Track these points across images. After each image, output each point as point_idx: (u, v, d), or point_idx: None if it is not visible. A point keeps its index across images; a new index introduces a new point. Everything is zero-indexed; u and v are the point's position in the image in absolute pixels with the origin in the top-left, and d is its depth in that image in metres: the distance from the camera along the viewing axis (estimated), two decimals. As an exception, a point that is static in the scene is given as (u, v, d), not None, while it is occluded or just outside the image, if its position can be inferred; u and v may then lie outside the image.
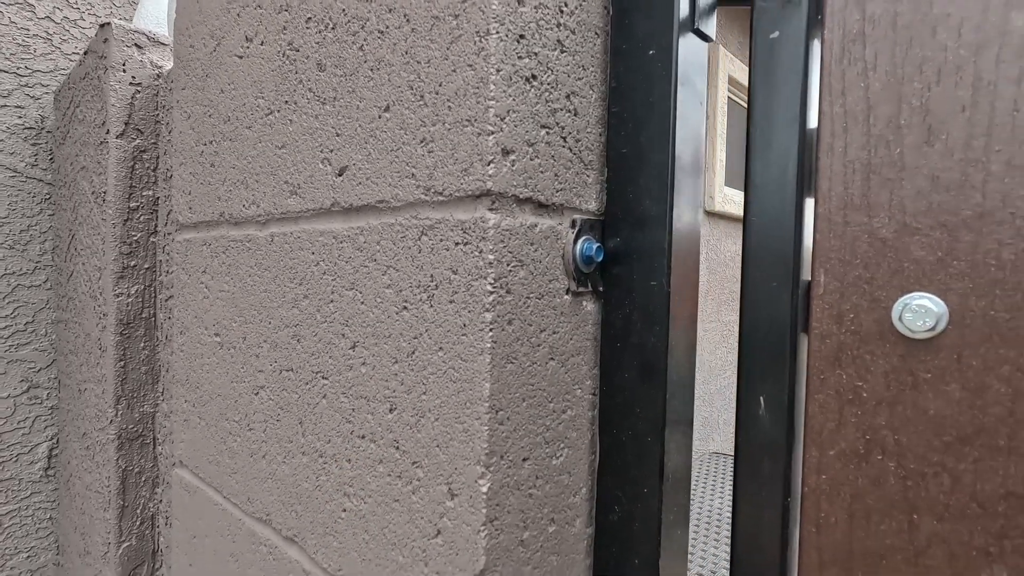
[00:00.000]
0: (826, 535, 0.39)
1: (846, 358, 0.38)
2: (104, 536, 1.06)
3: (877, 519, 0.37)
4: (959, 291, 0.34)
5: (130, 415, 1.03)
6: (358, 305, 0.47)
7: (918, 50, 0.35)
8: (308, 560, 0.53)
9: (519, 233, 0.39)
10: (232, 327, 0.64)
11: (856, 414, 0.38)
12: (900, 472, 0.36)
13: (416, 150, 0.42)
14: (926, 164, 0.35)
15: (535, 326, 0.41)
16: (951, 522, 0.35)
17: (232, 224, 0.64)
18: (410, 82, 0.42)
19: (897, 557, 0.37)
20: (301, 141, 0.53)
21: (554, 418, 0.43)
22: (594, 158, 0.45)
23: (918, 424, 0.36)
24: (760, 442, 0.41)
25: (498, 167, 0.37)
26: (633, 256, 0.44)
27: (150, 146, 1.02)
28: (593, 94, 0.45)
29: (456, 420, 0.39)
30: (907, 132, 0.36)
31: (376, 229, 0.45)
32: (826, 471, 0.39)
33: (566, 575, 0.45)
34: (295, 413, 0.55)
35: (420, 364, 0.42)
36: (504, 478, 0.39)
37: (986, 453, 0.34)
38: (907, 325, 0.35)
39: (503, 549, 0.39)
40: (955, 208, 0.34)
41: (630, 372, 0.44)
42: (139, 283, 1.02)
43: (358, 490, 0.48)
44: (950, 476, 0.35)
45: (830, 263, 0.39)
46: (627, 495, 0.45)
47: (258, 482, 0.60)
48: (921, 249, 0.35)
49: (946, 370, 0.35)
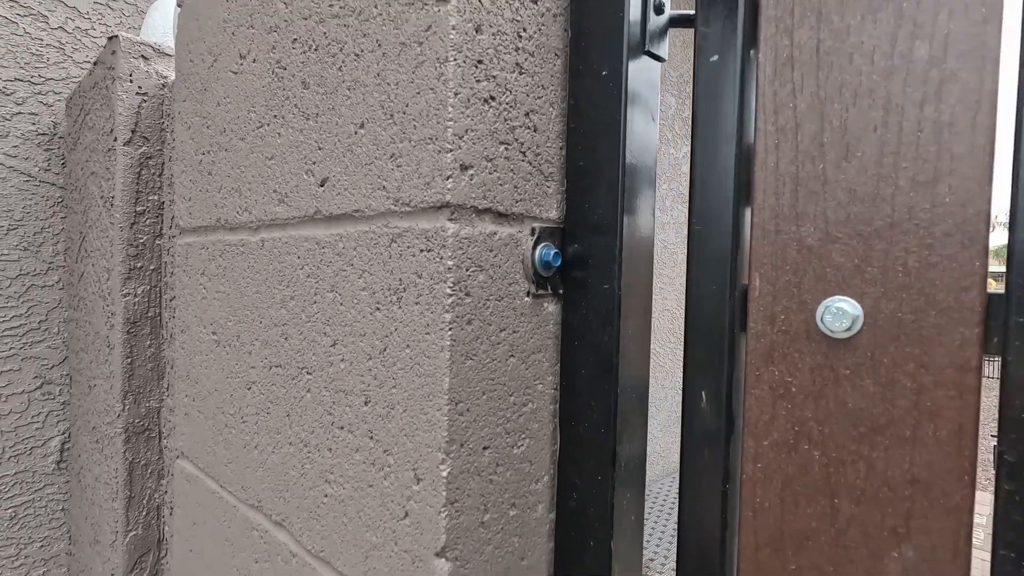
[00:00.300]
0: (761, 519, 0.42)
1: (778, 355, 0.41)
2: (113, 525, 1.11)
3: (804, 503, 0.41)
4: (872, 295, 0.37)
5: (137, 410, 1.07)
6: (337, 306, 0.51)
7: (838, 74, 0.38)
8: (294, 542, 0.58)
9: (478, 241, 0.43)
10: (228, 326, 0.69)
11: (787, 407, 0.41)
12: (823, 460, 0.40)
13: (387, 164, 0.45)
14: (845, 178, 0.38)
15: (495, 325, 0.45)
16: (866, 505, 0.38)
17: (227, 229, 0.68)
18: (382, 102, 0.46)
19: (821, 538, 0.40)
20: (288, 153, 0.57)
21: (515, 410, 0.47)
22: (554, 170, 0.49)
23: (839, 416, 0.39)
24: (702, 433, 0.44)
25: (456, 181, 0.41)
26: (589, 261, 0.47)
27: (156, 153, 1.07)
28: (553, 111, 0.48)
29: (421, 411, 0.43)
30: (829, 149, 0.39)
31: (353, 236, 0.49)
32: (761, 460, 0.42)
33: (528, 556, 0.49)
34: (283, 406, 0.59)
35: (391, 360, 0.46)
36: (464, 464, 0.43)
37: (895, 442, 0.37)
38: (828, 326, 0.39)
39: (463, 529, 0.43)
40: (869, 219, 0.37)
41: (586, 369, 0.48)
42: (145, 284, 1.07)
43: (338, 477, 0.52)
44: (865, 463, 0.38)
45: (764, 268, 0.42)
46: (583, 483, 0.48)
47: (251, 471, 0.64)
48: (841, 256, 0.39)
49: (861, 367, 0.38)
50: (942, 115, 0.35)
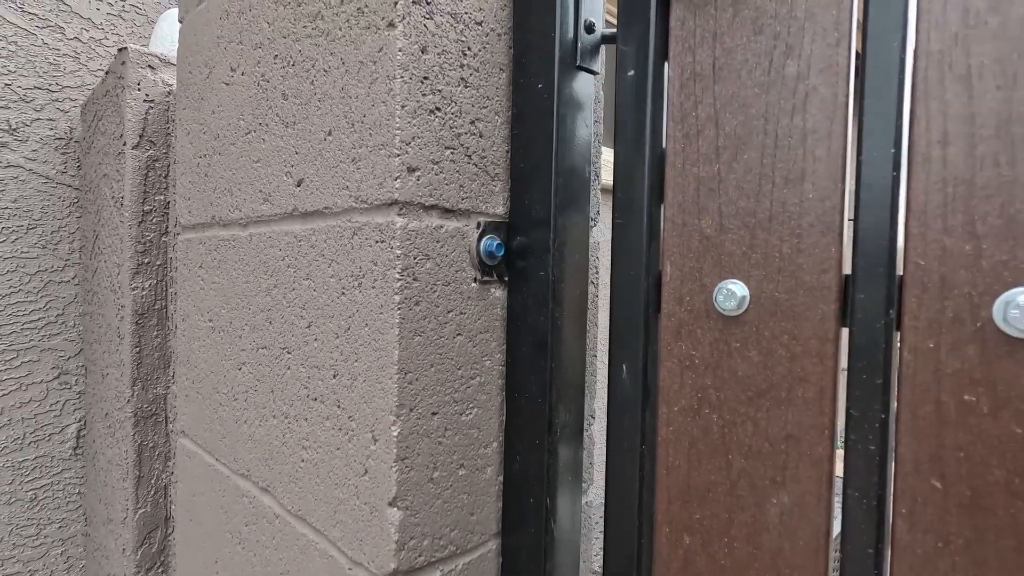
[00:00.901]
0: (673, 476, 0.49)
1: (685, 332, 0.48)
2: (124, 504, 1.19)
3: (706, 460, 0.47)
4: (756, 278, 0.43)
5: (145, 396, 1.15)
6: (312, 291, 0.58)
7: (730, 87, 0.44)
8: (278, 505, 0.65)
9: (425, 233, 0.49)
10: (222, 313, 0.76)
11: (692, 377, 0.47)
12: (720, 422, 0.46)
13: (349, 167, 0.52)
14: (735, 177, 0.44)
15: (442, 307, 0.51)
16: (752, 459, 0.44)
17: (221, 226, 0.76)
18: (345, 112, 0.52)
19: (719, 490, 0.46)
20: (271, 157, 0.64)
21: (463, 383, 0.53)
22: (500, 171, 0.55)
23: (732, 383, 0.45)
24: (623, 402, 0.50)
25: (404, 182, 0.47)
26: (528, 251, 0.54)
27: (161, 156, 1.15)
28: (499, 119, 0.55)
29: (376, 381, 0.50)
30: (723, 151, 0.45)
31: (323, 230, 0.56)
32: (672, 424, 0.48)
33: (477, 512, 0.55)
34: (268, 383, 0.66)
35: (353, 337, 0.52)
36: (413, 426, 0.49)
37: (774, 404, 0.43)
38: (722, 305, 0.45)
39: (413, 483, 0.50)
40: (753, 212, 0.43)
41: (527, 347, 0.54)
42: (152, 278, 1.15)
43: (313, 443, 0.58)
44: (752, 423, 0.44)
45: (674, 256, 0.48)
46: (524, 448, 0.54)
47: (241, 443, 0.71)
48: (732, 244, 0.45)
49: (748, 340, 0.44)
50: (807, 123, 0.41)
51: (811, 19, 0.40)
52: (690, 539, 0.48)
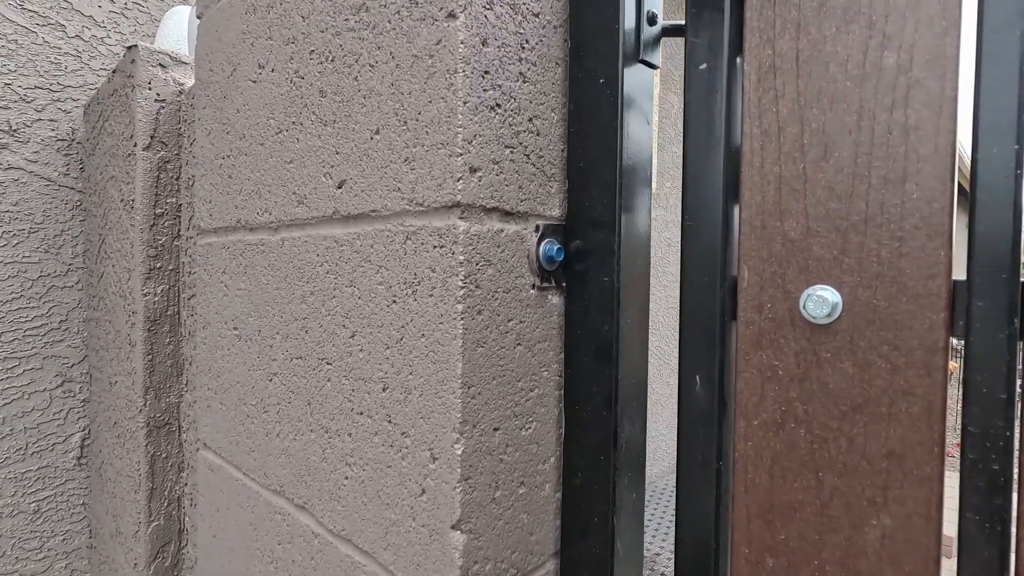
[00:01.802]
0: (752, 493, 0.46)
1: (765, 341, 0.45)
2: (135, 517, 1.15)
3: (791, 478, 0.44)
4: (850, 284, 0.41)
5: (157, 404, 1.12)
6: (356, 300, 0.55)
7: (816, 81, 0.42)
8: (316, 523, 0.61)
9: (486, 237, 0.46)
10: (248, 321, 0.72)
11: (774, 389, 0.45)
12: (808, 437, 0.43)
13: (401, 168, 0.49)
14: (824, 177, 0.42)
15: (503, 316, 0.48)
16: (847, 477, 0.41)
17: (248, 230, 0.72)
18: (396, 109, 0.49)
19: (807, 509, 0.43)
20: (307, 157, 0.61)
21: (523, 395, 0.50)
22: (556, 171, 0.52)
23: (821, 396, 0.42)
24: (697, 415, 0.48)
25: (466, 183, 0.44)
26: (589, 256, 0.51)
27: (173, 157, 1.11)
28: (555, 116, 0.52)
29: (436, 395, 0.47)
30: (809, 150, 0.42)
31: (370, 234, 0.53)
32: (751, 439, 0.46)
33: (536, 532, 0.52)
34: (304, 395, 0.62)
35: (407, 349, 0.49)
36: (476, 444, 0.46)
37: (872, 419, 0.40)
38: (810, 313, 0.42)
39: (476, 504, 0.47)
40: (846, 214, 0.41)
41: (587, 356, 0.51)
42: (164, 283, 1.11)
43: (358, 459, 0.55)
44: (846, 439, 0.41)
45: (751, 261, 0.45)
46: (587, 462, 0.52)
47: (272, 458, 0.68)
48: (821, 248, 0.42)
49: (841, 350, 0.41)
50: (909, 119, 0.38)
51: (913, 7, 0.38)
52: (774, 561, 0.45)
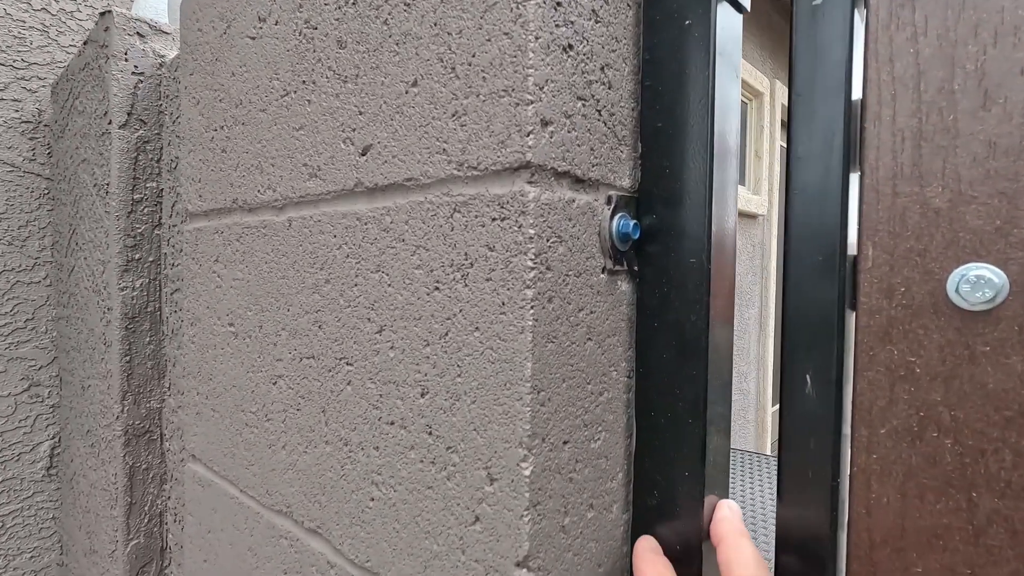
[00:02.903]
0: (877, 516, 0.38)
1: (897, 333, 0.37)
2: (111, 534, 1.04)
3: (932, 498, 0.36)
4: (1020, 260, 0.33)
5: (136, 411, 1.01)
6: (385, 288, 0.46)
7: (972, 12, 0.34)
8: (332, 551, 0.52)
9: (558, 208, 0.38)
10: (247, 316, 0.63)
11: (908, 391, 0.37)
12: (957, 449, 0.35)
13: (447, 124, 0.40)
14: (982, 130, 0.34)
15: (574, 305, 0.40)
16: (1013, 499, 0.34)
17: (246, 210, 0.62)
18: (440, 55, 0.40)
19: (955, 537, 0.36)
20: (320, 122, 0.51)
21: (592, 400, 0.42)
22: (627, 133, 0.44)
23: (976, 399, 0.35)
24: (807, 421, 0.40)
25: (537, 138, 0.36)
26: (670, 233, 0.43)
27: (153, 137, 1.00)
28: (626, 67, 0.44)
29: (495, 402, 0.38)
30: (961, 97, 0.35)
31: (404, 208, 0.44)
32: (876, 450, 0.38)
33: (604, 563, 0.44)
34: (317, 402, 0.53)
35: (454, 346, 0.40)
36: (546, 461, 0.38)
37: (1050, 427, 0.33)
38: (964, 297, 0.34)
39: (545, 535, 0.38)
40: (1015, 174, 0.33)
41: (668, 352, 0.43)
42: (144, 276, 1.00)
43: (387, 478, 0.46)
44: (1012, 452, 0.34)
45: (879, 236, 0.37)
46: (666, 479, 0.43)
47: (277, 474, 0.59)
48: (978, 218, 0.34)
49: (1006, 342, 0.34)
50: (1111, 51, 0.30)
51: (1113, -88, 0.30)
52: (906, 598, 0.37)
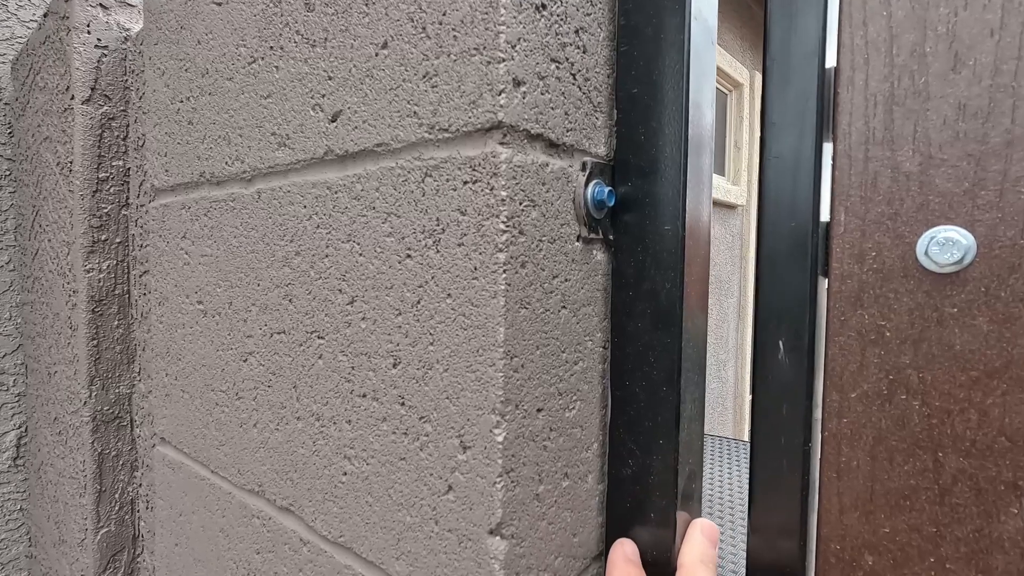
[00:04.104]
0: (847, 479, 0.38)
1: (868, 298, 0.37)
2: (81, 523, 1.01)
3: (901, 460, 0.37)
4: (987, 222, 0.33)
5: (105, 396, 0.98)
6: (356, 257, 0.45)
7: (946, -27, 0.34)
8: (305, 529, 0.51)
9: (531, 171, 0.37)
10: (216, 293, 0.61)
11: (879, 354, 0.37)
12: (925, 411, 0.36)
13: (418, 86, 0.39)
14: (952, 92, 0.34)
15: (548, 271, 0.39)
16: (978, 458, 0.34)
17: (214, 184, 0.61)
18: (410, 14, 0.39)
19: (921, 497, 0.36)
20: (289, 88, 0.50)
21: (566, 369, 0.41)
22: (603, 100, 0.43)
23: (943, 361, 0.35)
24: (779, 387, 0.40)
25: (509, 98, 0.35)
26: (646, 201, 0.42)
27: (119, 113, 0.97)
28: (601, 32, 0.43)
29: (468, 369, 0.37)
30: (932, 60, 0.35)
31: (375, 175, 0.43)
32: (847, 415, 0.38)
33: (579, 532, 0.44)
34: (288, 377, 0.52)
35: (426, 314, 0.40)
36: (519, 428, 0.37)
37: (1015, 385, 0.33)
38: (933, 259, 0.35)
39: (519, 503, 0.38)
40: (983, 136, 0.33)
41: (643, 321, 0.43)
42: (111, 258, 0.97)
43: (360, 451, 0.45)
44: (977, 411, 0.34)
45: (850, 201, 0.38)
46: (641, 447, 0.43)
47: (249, 452, 0.57)
48: (947, 181, 0.34)
49: (973, 303, 0.34)
50: (1078, 11, 0.31)
51: None
52: (874, 559, 0.38)
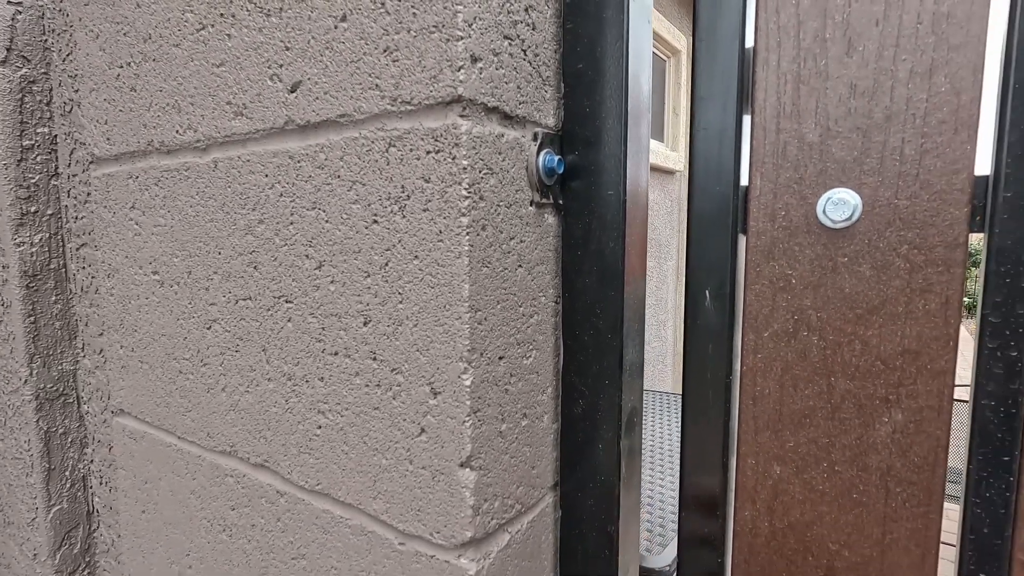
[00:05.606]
0: (761, 405, 0.46)
1: (778, 251, 0.44)
2: (30, 502, 1.00)
3: (802, 386, 0.44)
4: (871, 185, 0.40)
5: (47, 374, 0.96)
6: (322, 224, 0.47)
7: (842, -31, 0.39)
8: (281, 481, 0.55)
9: (488, 141, 0.41)
10: (173, 263, 0.62)
11: (786, 299, 0.44)
12: (821, 344, 0.43)
13: (379, 60, 0.41)
14: (846, 74, 0.40)
15: (505, 233, 0.43)
16: (860, 380, 0.42)
17: (164, 152, 0.60)
18: (369, -10, 0.41)
19: (818, 415, 0.44)
20: (244, 58, 0.50)
21: (523, 321, 0.46)
22: (551, 74, 0.47)
23: (836, 302, 0.42)
24: (706, 330, 0.46)
25: (468, 73, 0.38)
26: (591, 168, 0.47)
27: (40, 76, 0.91)
28: (548, 9, 0.46)
29: (436, 323, 0.41)
30: (831, 45, 0.40)
31: (338, 145, 0.45)
32: (761, 351, 0.45)
33: (537, 465, 0.49)
34: (257, 341, 0.54)
35: (395, 275, 0.43)
36: (484, 373, 0.42)
37: (889, 320, 0.40)
38: (829, 216, 0.41)
39: (485, 439, 0.43)
40: (869, 112, 0.40)
41: (590, 277, 0.48)
42: (43, 231, 0.93)
43: (334, 405, 0.49)
44: (860, 342, 0.42)
45: (765, 167, 0.43)
46: (590, 388, 0.49)
47: (218, 416, 0.60)
48: (841, 150, 0.41)
49: (859, 253, 0.41)
50: (940, 6, 0.37)
51: None
52: (781, 468, 0.45)
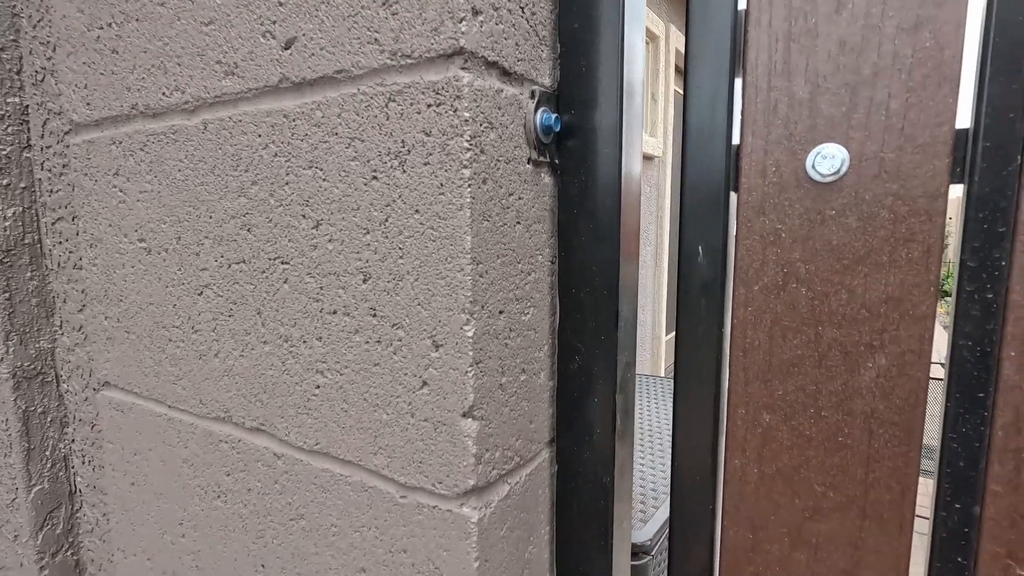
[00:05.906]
0: (751, 356, 0.47)
1: (769, 206, 0.45)
2: (10, 483, 0.98)
3: (791, 336, 0.46)
4: (858, 139, 0.42)
5: (24, 352, 0.93)
6: (319, 183, 0.47)
7: (832, -73, 0.40)
8: (278, 443, 0.55)
9: (489, 95, 0.41)
10: (161, 229, 0.61)
11: (776, 252, 0.45)
12: (809, 295, 0.45)
13: (378, 13, 0.41)
14: (835, 31, 0.41)
15: (504, 189, 0.44)
16: (846, 328, 0.44)
17: (149, 116, 0.59)
18: (367, -58, 0.41)
19: (806, 363, 0.45)
20: (234, 15, 0.50)
21: (522, 278, 0.47)
22: (547, 34, 0.47)
23: (824, 254, 0.44)
24: (700, 285, 0.48)
25: (469, 25, 0.38)
26: (587, 128, 0.47)
27: (9, 44, 0.88)
28: (544, -32, 0.46)
29: (437, 276, 0.42)
30: (821, 3, 0.42)
31: (336, 102, 0.45)
32: (751, 304, 0.47)
33: (535, 420, 0.50)
34: (251, 304, 0.54)
35: (395, 230, 0.43)
36: (485, 326, 0.43)
37: (873, 269, 0.42)
38: (818, 171, 0.43)
39: (487, 390, 0.43)
40: (857, 68, 0.41)
41: (587, 236, 0.49)
42: (16, 205, 0.90)
43: (332, 364, 0.49)
44: (846, 291, 0.43)
45: (756, 125, 0.45)
46: (588, 345, 0.50)
47: (211, 382, 0.59)
48: (830, 106, 0.42)
49: (847, 205, 0.42)
50: (927, -36, 0.38)
51: None
52: (770, 416, 0.47)
